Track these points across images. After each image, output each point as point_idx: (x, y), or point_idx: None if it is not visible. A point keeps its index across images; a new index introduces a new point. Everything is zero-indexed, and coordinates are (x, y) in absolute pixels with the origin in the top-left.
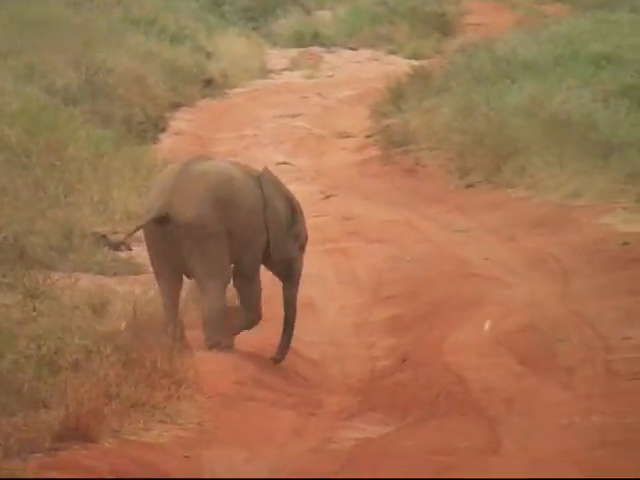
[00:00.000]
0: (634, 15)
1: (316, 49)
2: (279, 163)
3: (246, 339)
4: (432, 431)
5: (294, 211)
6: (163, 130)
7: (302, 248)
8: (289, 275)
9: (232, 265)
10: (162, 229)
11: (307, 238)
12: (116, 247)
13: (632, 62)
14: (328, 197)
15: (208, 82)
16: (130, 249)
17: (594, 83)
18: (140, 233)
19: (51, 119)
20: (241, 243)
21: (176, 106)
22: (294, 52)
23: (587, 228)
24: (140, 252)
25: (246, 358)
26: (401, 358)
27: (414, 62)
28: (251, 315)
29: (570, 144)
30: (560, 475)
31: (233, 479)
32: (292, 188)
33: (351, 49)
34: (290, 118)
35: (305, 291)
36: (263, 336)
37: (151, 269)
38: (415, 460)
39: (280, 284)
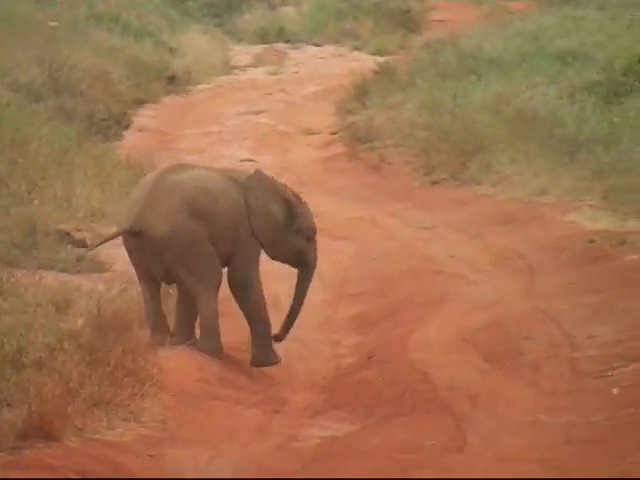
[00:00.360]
0: (600, 11)
1: (280, 45)
2: (243, 160)
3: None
4: (397, 429)
5: (291, 207)
6: (127, 127)
7: (310, 239)
8: (303, 266)
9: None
10: (137, 241)
11: (315, 228)
12: (80, 245)
13: (598, 59)
14: None
15: (172, 78)
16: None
17: (560, 80)
18: (104, 229)
19: (14, 115)
20: (226, 252)
21: (140, 102)
22: (258, 48)
23: (553, 225)
24: (103, 249)
25: (210, 356)
26: (366, 355)
27: (379, 58)
28: (259, 327)
29: (536, 141)
30: (525, 473)
31: (199, 479)
32: None
33: (316, 45)
34: (254, 115)
35: (269, 288)
36: (227, 334)
37: (114, 266)
38: (380, 458)
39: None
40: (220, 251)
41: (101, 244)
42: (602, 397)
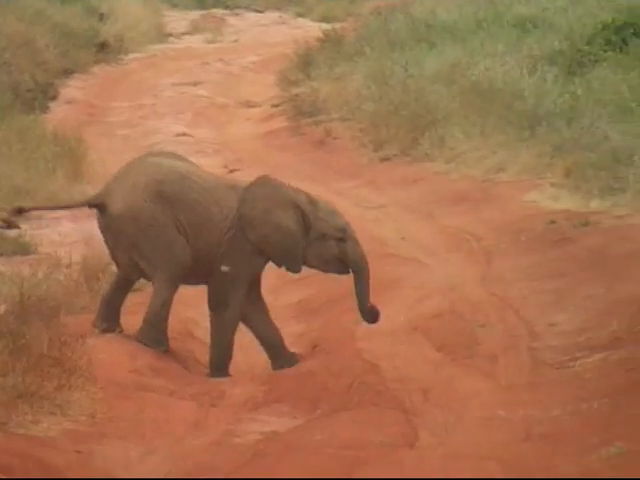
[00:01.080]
0: None
1: (219, 11)
2: (178, 135)
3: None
4: (343, 424)
5: (304, 213)
6: (53, 98)
7: (343, 240)
8: (352, 269)
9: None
10: (102, 219)
11: (343, 227)
12: (2, 225)
13: (560, 26)
14: (232, 171)
15: (102, 47)
16: (18, 227)
17: (519, 49)
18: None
19: None
20: (202, 253)
21: (68, 72)
22: (195, 14)
23: (511, 205)
24: (28, 231)
25: (143, 345)
26: (310, 345)
27: (324, 26)
28: (216, 354)
29: (493, 114)
30: (481, 471)
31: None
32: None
33: (256, 11)
34: (190, 86)
35: (181, 313)
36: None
37: (40, 248)
38: (325, 455)
39: None
40: (195, 250)
41: (62, 209)
42: (564, 390)
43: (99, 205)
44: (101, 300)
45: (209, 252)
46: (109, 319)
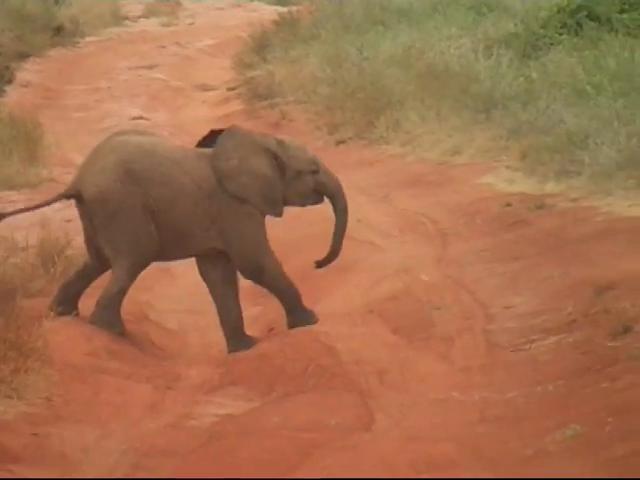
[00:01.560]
0: None
1: None
2: (134, 118)
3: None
4: (299, 406)
5: (277, 155)
6: (9, 82)
7: (316, 172)
8: (329, 198)
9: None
10: (79, 207)
11: (314, 159)
12: None
13: (515, 9)
14: None
15: (58, 30)
16: None
17: (475, 31)
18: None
19: None
20: (182, 230)
21: (23, 56)
22: None
23: (466, 188)
24: None
25: (98, 327)
26: (266, 327)
27: (280, 8)
28: (287, 295)
29: (449, 97)
30: (437, 453)
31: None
32: None
33: None
34: (146, 69)
35: (137, 296)
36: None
37: None
38: (281, 438)
39: None
40: (171, 223)
41: (41, 207)
42: (519, 372)
43: (75, 195)
44: (62, 285)
45: (187, 225)
46: (66, 303)
